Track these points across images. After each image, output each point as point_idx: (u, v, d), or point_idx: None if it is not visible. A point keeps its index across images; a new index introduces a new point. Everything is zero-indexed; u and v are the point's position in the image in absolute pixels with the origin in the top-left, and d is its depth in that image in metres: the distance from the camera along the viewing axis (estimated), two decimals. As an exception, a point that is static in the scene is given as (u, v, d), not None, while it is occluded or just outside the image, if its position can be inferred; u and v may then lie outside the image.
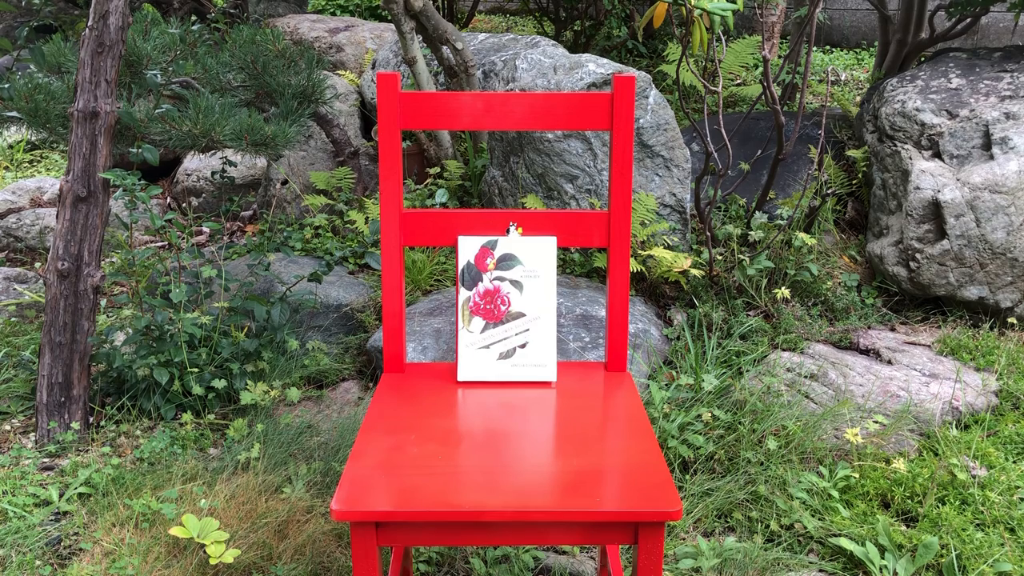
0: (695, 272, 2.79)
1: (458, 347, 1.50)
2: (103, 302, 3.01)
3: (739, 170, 3.20)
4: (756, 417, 2.25)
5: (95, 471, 2.08)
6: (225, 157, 2.94)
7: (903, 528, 1.94)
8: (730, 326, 2.75)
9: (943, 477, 2.06)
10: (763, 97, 2.88)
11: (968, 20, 3.85)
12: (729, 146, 2.78)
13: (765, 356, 2.65)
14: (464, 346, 1.50)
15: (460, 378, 1.50)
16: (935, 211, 2.87)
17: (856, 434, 2.12)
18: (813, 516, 2.00)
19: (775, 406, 2.29)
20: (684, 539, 1.96)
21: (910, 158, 2.99)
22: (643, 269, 2.81)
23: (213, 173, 3.15)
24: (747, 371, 2.54)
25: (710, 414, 2.23)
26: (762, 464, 2.13)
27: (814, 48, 5.46)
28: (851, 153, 3.34)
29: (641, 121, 2.90)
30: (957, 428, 2.34)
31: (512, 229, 1.50)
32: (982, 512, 1.97)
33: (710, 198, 2.96)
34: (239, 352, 2.47)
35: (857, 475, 2.09)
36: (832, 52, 6.31)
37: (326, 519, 1.93)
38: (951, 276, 2.86)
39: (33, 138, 4.64)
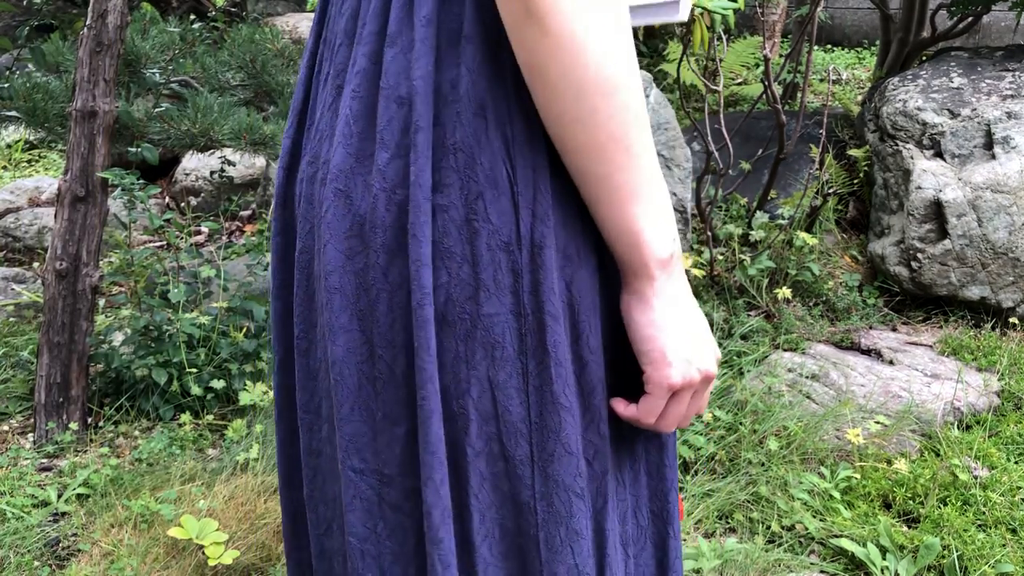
0: (696, 272, 2.78)
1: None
2: (101, 302, 3.00)
3: (740, 169, 3.19)
4: (757, 418, 2.24)
5: (93, 472, 2.07)
6: (224, 156, 2.93)
7: (904, 529, 1.93)
8: (731, 326, 2.74)
9: (945, 478, 2.05)
10: (764, 96, 2.87)
11: (969, 19, 3.85)
12: (730, 145, 2.77)
13: (766, 356, 2.64)
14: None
15: (460, 379, 1.49)
16: (937, 211, 2.86)
17: (857, 435, 2.12)
18: (814, 517, 1.99)
19: (776, 406, 2.28)
20: (685, 540, 1.96)
21: (911, 157, 2.99)
22: (644, 269, 2.80)
23: (212, 172, 3.15)
24: (748, 371, 2.53)
25: (711, 414, 2.22)
26: (763, 465, 2.12)
27: (815, 47, 5.45)
28: (852, 152, 3.33)
29: (642, 120, 2.88)
30: (959, 428, 2.33)
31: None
32: (984, 513, 1.96)
33: (711, 197, 2.95)
34: (238, 352, 2.46)
35: (858, 476, 2.08)
36: (833, 51, 6.30)
37: (325, 520, 1.92)
38: (953, 276, 2.85)
39: (31, 137, 4.63)
